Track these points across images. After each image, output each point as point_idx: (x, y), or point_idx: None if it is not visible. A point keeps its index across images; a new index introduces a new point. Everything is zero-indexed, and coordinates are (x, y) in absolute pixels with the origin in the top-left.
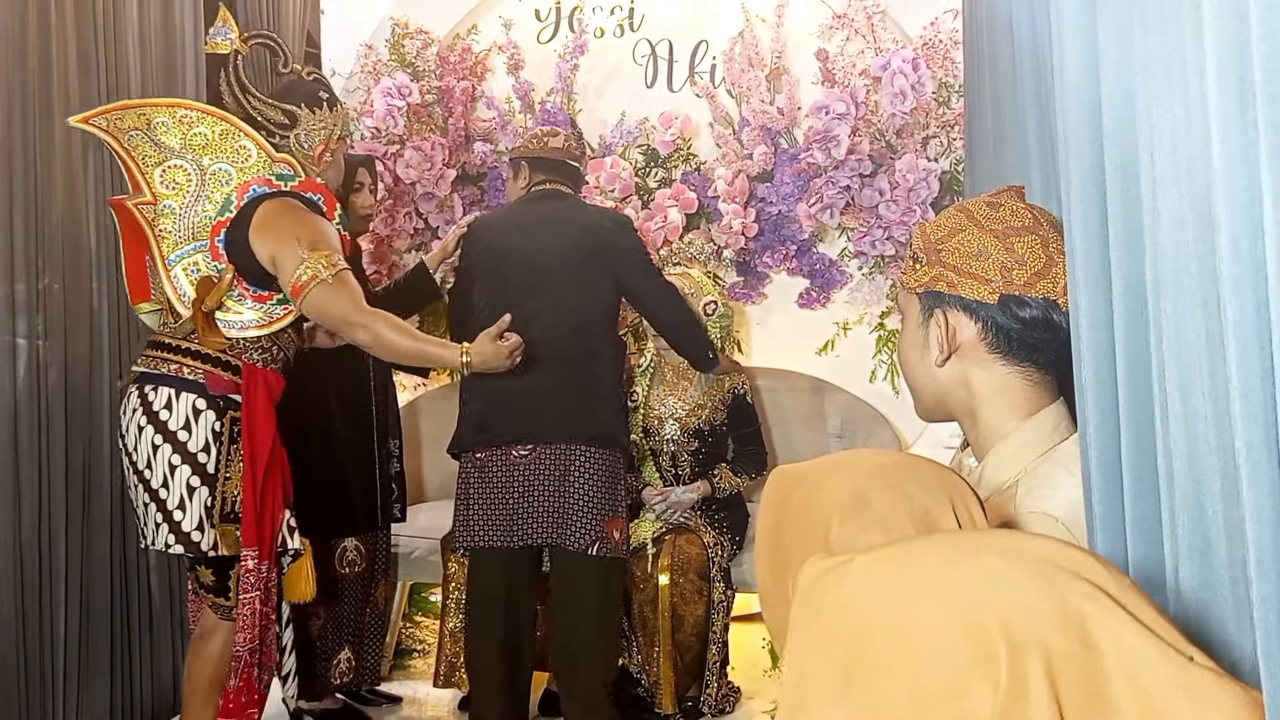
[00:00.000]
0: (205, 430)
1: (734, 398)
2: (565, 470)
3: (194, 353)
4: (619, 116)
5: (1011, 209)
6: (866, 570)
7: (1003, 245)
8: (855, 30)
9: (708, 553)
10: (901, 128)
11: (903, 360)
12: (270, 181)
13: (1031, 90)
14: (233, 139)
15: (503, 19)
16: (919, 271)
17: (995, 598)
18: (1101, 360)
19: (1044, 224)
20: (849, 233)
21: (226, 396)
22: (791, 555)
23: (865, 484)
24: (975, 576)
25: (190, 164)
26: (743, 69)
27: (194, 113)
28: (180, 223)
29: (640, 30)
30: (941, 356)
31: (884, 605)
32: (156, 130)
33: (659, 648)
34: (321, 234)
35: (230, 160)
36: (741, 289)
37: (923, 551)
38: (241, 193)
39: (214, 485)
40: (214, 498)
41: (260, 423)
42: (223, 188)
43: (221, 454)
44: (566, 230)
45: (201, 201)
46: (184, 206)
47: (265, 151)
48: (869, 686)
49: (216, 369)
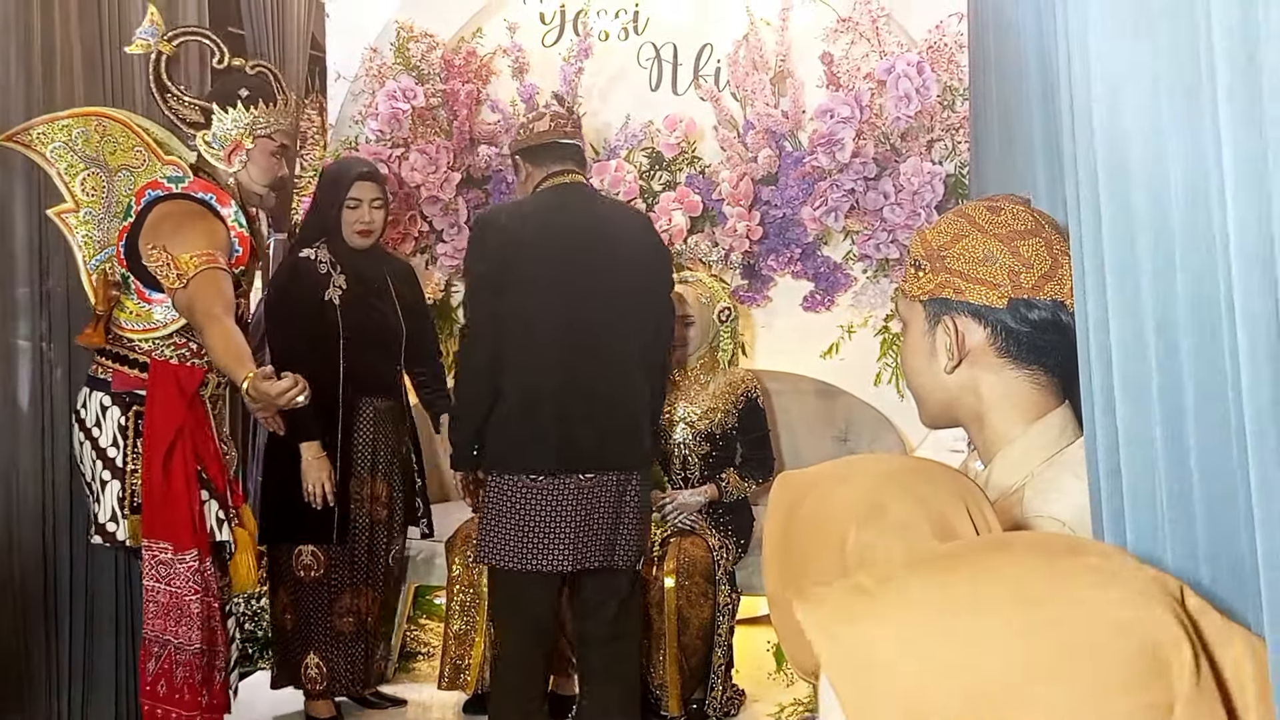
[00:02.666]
0: (112, 425)
1: (746, 401)
2: (620, 496)
3: (110, 354)
4: (624, 120)
5: (1012, 213)
6: (913, 600)
7: (1008, 249)
8: (860, 34)
9: (713, 555)
10: (906, 131)
11: (907, 368)
12: (161, 185)
13: (1037, 92)
14: (132, 144)
15: (507, 22)
16: (922, 279)
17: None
18: (1107, 364)
19: (1046, 226)
20: (853, 236)
21: (132, 392)
22: (805, 563)
23: (880, 490)
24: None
25: (103, 171)
26: (747, 72)
27: (107, 120)
28: (99, 229)
29: (645, 34)
30: (951, 363)
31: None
32: (77, 140)
33: (664, 650)
34: (197, 238)
35: (131, 165)
36: (746, 292)
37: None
38: (139, 197)
39: (123, 478)
40: (124, 490)
41: (159, 416)
42: (127, 194)
43: (129, 448)
44: (610, 247)
45: (113, 207)
46: (101, 213)
47: (155, 154)
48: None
49: (124, 367)
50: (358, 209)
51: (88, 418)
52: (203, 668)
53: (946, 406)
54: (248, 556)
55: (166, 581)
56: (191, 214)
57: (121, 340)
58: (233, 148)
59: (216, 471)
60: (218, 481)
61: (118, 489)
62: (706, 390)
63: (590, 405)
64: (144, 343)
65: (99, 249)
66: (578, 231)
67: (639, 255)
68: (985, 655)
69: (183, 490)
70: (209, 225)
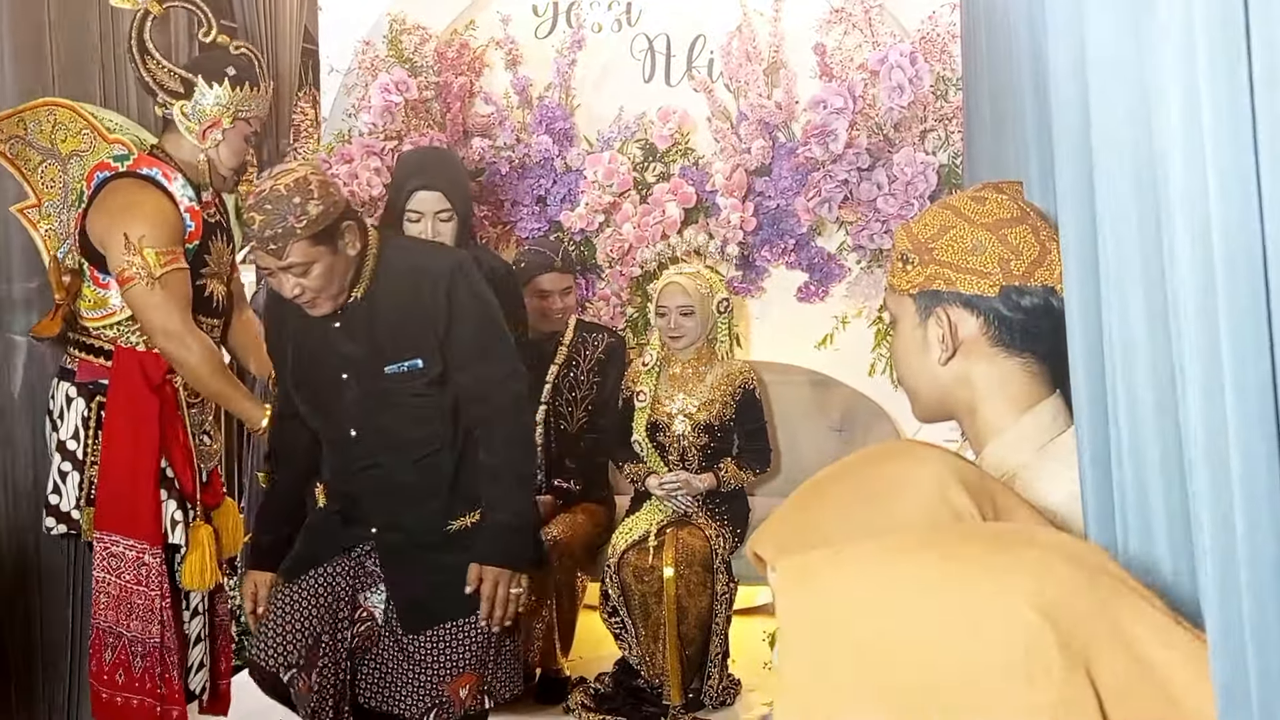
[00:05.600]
0: (75, 417)
1: (744, 393)
2: None
3: (77, 342)
4: (617, 111)
5: (997, 201)
6: (868, 561)
7: (996, 237)
8: (853, 24)
9: (710, 545)
10: (899, 121)
11: (899, 364)
12: (109, 165)
13: (1029, 82)
14: (80, 129)
15: (500, 14)
16: (911, 273)
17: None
18: (1094, 353)
19: (1031, 214)
20: (847, 226)
21: (96, 382)
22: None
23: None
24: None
25: (58, 161)
26: (740, 63)
27: (57, 109)
28: (58, 219)
29: (638, 25)
30: (945, 355)
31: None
32: (32, 134)
33: (663, 640)
34: (149, 217)
35: (79, 150)
36: (740, 283)
37: (934, 543)
38: (89, 180)
39: (82, 470)
40: (83, 481)
41: (121, 405)
42: (79, 180)
43: (89, 439)
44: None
45: (69, 196)
46: (60, 203)
47: (100, 135)
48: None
49: (90, 356)
50: (420, 222)
51: (55, 408)
52: (160, 661)
53: (940, 399)
54: (201, 556)
55: (117, 574)
56: (140, 190)
57: (87, 330)
58: (210, 124)
59: (182, 466)
60: (183, 477)
61: (77, 480)
62: (704, 382)
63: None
64: (106, 329)
65: (60, 241)
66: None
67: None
68: (911, 639)
69: (139, 483)
70: (157, 202)
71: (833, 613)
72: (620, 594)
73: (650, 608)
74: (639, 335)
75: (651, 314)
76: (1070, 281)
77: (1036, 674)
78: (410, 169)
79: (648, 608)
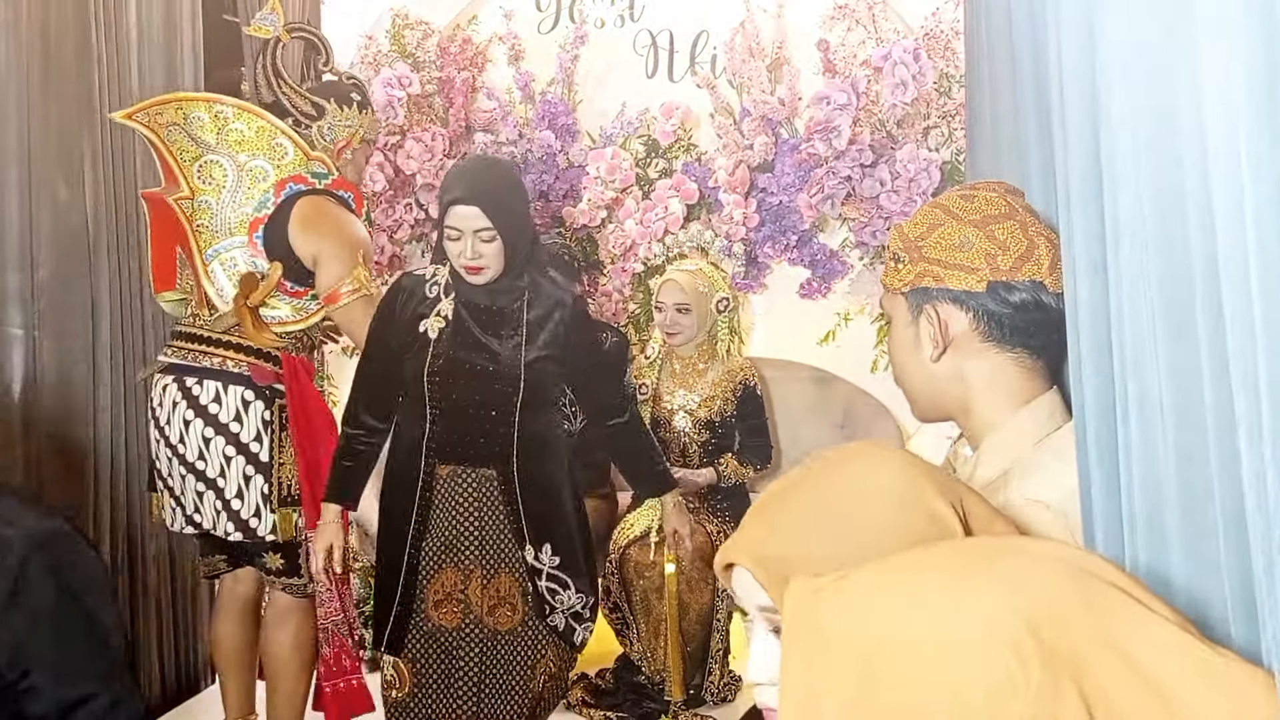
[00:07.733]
0: (256, 420)
1: (744, 389)
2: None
3: (236, 345)
4: (619, 107)
5: (985, 198)
6: (868, 584)
7: (983, 234)
8: (856, 20)
9: (712, 541)
10: (902, 118)
11: (895, 363)
12: (305, 179)
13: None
14: (269, 136)
15: (503, 9)
16: (902, 271)
17: (1023, 602)
18: (1101, 352)
19: (1019, 209)
20: (850, 223)
21: (271, 386)
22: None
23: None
24: (999, 581)
25: (226, 160)
26: (743, 59)
27: (230, 109)
28: (217, 218)
29: (641, 20)
30: (936, 351)
31: (899, 617)
32: (193, 125)
33: (665, 635)
34: (360, 239)
35: (267, 157)
36: (743, 279)
37: (933, 561)
38: (279, 190)
39: (269, 473)
40: (270, 484)
41: (310, 407)
42: (259, 184)
43: (274, 442)
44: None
45: (238, 197)
46: (220, 202)
47: (301, 149)
48: (894, 700)
49: (258, 360)
50: (459, 241)
51: (222, 413)
52: (339, 636)
53: (935, 397)
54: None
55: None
56: (344, 212)
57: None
58: (343, 145)
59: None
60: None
61: (262, 484)
62: (705, 378)
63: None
64: (285, 336)
65: (214, 239)
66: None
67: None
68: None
69: (318, 483)
70: (361, 226)
71: (835, 635)
72: (622, 590)
73: (652, 604)
74: (641, 331)
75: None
76: (1078, 281)
77: (1018, 687)
78: (450, 179)
79: (649, 604)
